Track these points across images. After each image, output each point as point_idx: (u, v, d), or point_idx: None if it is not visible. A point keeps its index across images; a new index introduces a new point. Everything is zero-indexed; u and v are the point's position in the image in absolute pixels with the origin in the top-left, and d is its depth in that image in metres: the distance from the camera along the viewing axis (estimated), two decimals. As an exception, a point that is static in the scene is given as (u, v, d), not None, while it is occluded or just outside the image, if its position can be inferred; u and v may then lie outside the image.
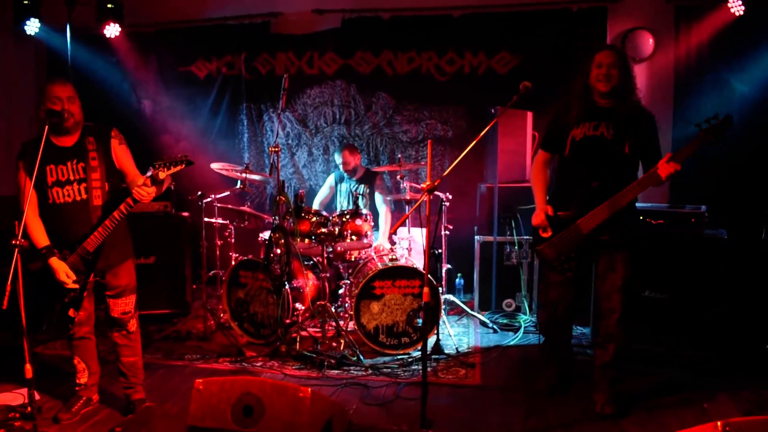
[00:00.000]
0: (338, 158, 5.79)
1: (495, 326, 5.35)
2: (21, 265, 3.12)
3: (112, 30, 6.10)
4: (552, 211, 3.67)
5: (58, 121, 3.37)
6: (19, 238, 3.10)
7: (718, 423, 2.18)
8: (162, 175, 3.33)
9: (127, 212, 3.41)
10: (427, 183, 3.23)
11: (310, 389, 2.37)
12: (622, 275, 3.61)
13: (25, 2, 5.95)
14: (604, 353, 3.70)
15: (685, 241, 4.36)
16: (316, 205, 6.06)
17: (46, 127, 3.30)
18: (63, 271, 3.40)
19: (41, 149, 3.21)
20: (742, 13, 5.41)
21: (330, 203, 6.09)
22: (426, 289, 3.17)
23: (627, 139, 3.49)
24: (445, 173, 3.38)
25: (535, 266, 5.58)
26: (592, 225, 3.51)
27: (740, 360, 4.35)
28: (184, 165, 3.37)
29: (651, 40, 5.96)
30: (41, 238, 3.44)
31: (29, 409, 3.52)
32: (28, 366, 3.16)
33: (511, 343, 5.01)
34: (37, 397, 3.58)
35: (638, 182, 3.42)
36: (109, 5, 6.02)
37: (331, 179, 6.10)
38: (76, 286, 3.44)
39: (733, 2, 5.39)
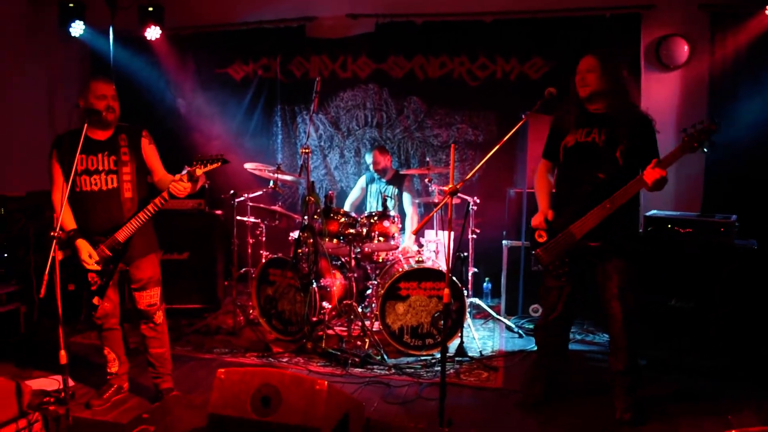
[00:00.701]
0: (369, 158, 5.91)
1: (520, 331, 5.36)
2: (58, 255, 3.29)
3: (152, 32, 6.27)
4: (552, 216, 3.70)
5: (97, 119, 3.56)
6: (57, 229, 3.25)
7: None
8: (199, 171, 3.45)
9: (162, 206, 3.54)
10: (450, 186, 3.28)
11: (327, 382, 2.44)
12: (618, 283, 3.57)
13: (71, 5, 6.15)
14: (616, 361, 3.69)
15: (713, 250, 4.32)
16: (347, 206, 6.15)
17: (86, 122, 3.47)
18: (86, 251, 3.55)
19: (81, 141, 3.38)
20: (779, 20, 5.34)
21: (361, 204, 6.18)
22: (446, 290, 3.23)
23: (620, 144, 3.47)
24: (468, 176, 3.42)
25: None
26: (584, 230, 3.52)
27: (766, 372, 4.29)
28: (219, 163, 3.48)
29: (686, 47, 5.91)
30: (69, 222, 3.62)
31: (63, 394, 3.69)
32: (62, 352, 3.29)
33: (536, 348, 5.01)
34: (71, 383, 3.74)
35: (626, 188, 3.39)
36: (150, 9, 6.19)
37: (362, 181, 6.19)
38: (98, 267, 3.57)
39: (771, 9, 5.32)
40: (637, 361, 3.69)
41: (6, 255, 5.19)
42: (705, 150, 3.24)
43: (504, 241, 5.81)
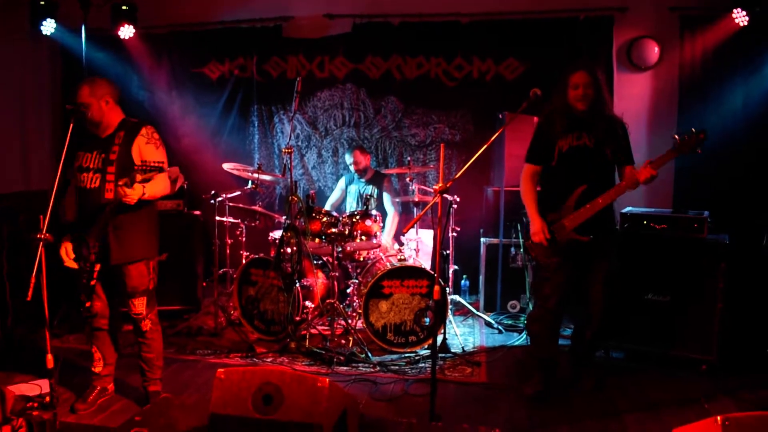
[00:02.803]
0: (349, 158, 5.93)
1: (500, 327, 5.45)
2: (45, 260, 3.24)
3: (126, 31, 6.21)
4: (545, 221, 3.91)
5: (81, 118, 3.55)
6: (44, 232, 3.21)
7: (718, 418, 2.26)
8: (138, 178, 3.34)
9: (115, 210, 3.47)
10: (440, 185, 3.34)
11: (328, 380, 2.46)
12: (606, 271, 3.91)
13: (42, 3, 6.05)
14: (588, 331, 4.07)
15: (687, 245, 4.45)
16: (327, 207, 6.16)
17: (72, 121, 3.46)
18: (64, 248, 3.56)
19: (68, 139, 3.38)
20: (746, 23, 5.52)
21: (341, 206, 6.20)
22: (437, 287, 3.28)
23: (607, 146, 3.79)
24: (457, 176, 3.48)
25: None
26: (576, 223, 3.79)
27: (740, 363, 4.44)
28: (158, 172, 3.36)
29: (656, 49, 6.07)
30: (70, 216, 3.70)
31: (47, 399, 3.63)
32: (49, 356, 3.25)
33: (516, 343, 5.11)
34: (50, 388, 3.69)
35: (618, 186, 3.76)
36: (124, 7, 6.13)
37: (342, 182, 6.22)
38: (74, 265, 3.53)
39: (737, 13, 5.50)
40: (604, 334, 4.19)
41: (-23, 259, 5.09)
42: (699, 151, 3.60)
43: (482, 239, 5.90)
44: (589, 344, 4.14)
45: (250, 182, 5.42)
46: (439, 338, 4.83)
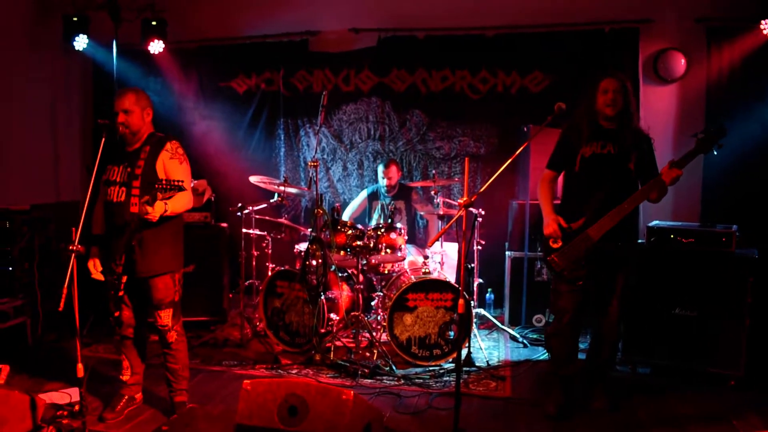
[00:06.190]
0: (383, 170, 5.97)
1: (525, 341, 5.42)
2: (77, 270, 3.31)
3: (156, 46, 6.31)
4: (564, 222, 3.83)
5: (109, 132, 3.59)
6: (76, 243, 3.28)
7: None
8: (159, 196, 3.38)
9: (139, 226, 3.50)
10: (464, 198, 3.35)
11: (353, 392, 2.48)
12: (622, 284, 3.88)
13: (75, 19, 6.20)
14: (602, 352, 4.03)
15: (715, 259, 4.41)
16: (346, 217, 6.22)
17: (103, 135, 3.51)
18: (91, 260, 3.68)
19: (99, 153, 3.46)
20: (774, 34, 5.46)
21: (359, 217, 6.24)
22: (461, 301, 3.28)
23: (631, 157, 3.76)
24: (482, 189, 3.48)
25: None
26: (602, 232, 3.71)
27: (769, 378, 4.38)
28: (176, 191, 3.38)
29: (683, 61, 6.02)
30: (96, 227, 3.79)
31: (77, 407, 3.70)
32: (79, 365, 3.30)
33: (541, 357, 5.07)
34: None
35: (643, 189, 3.70)
36: (154, 23, 6.24)
37: (363, 194, 6.25)
38: (100, 277, 3.64)
39: (765, 24, 5.43)
40: (615, 352, 4.18)
41: (11, 269, 5.20)
42: (715, 152, 3.60)
43: (507, 252, 5.88)
44: (603, 362, 4.07)
45: (276, 195, 5.49)
46: (464, 352, 4.82)
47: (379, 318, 5.25)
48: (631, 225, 3.84)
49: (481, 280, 5.72)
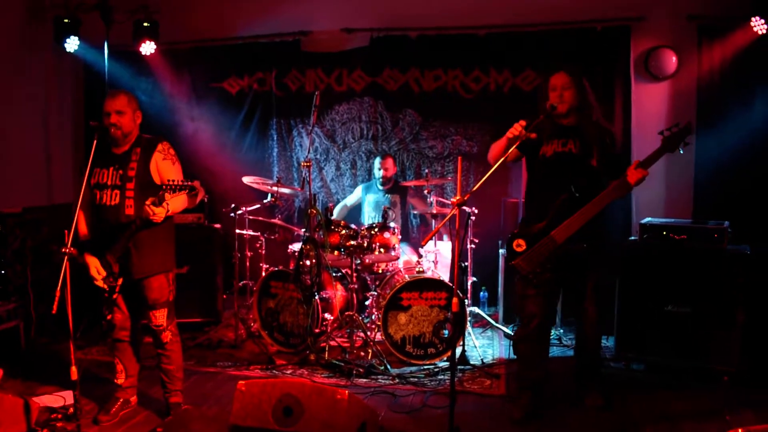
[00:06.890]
0: (378, 164, 6.03)
1: (519, 339, 5.42)
2: (70, 273, 3.30)
3: (147, 47, 6.30)
4: (526, 123, 3.64)
5: (102, 134, 3.57)
6: (68, 246, 3.27)
7: (740, 430, 2.25)
8: (167, 197, 3.41)
9: (141, 227, 3.52)
10: (457, 197, 3.35)
11: (347, 392, 2.49)
12: (593, 286, 3.86)
13: (66, 21, 6.18)
14: (587, 354, 4.05)
15: (707, 256, 4.43)
16: (338, 208, 6.30)
17: (95, 137, 3.49)
18: (94, 266, 3.59)
19: (92, 155, 3.42)
20: (765, 31, 5.47)
21: (353, 211, 6.28)
22: (455, 300, 3.29)
23: (593, 153, 3.71)
24: (474, 188, 3.48)
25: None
26: (566, 235, 3.65)
27: (762, 374, 4.38)
28: (187, 190, 3.43)
29: (674, 58, 6.04)
30: (82, 229, 3.74)
31: (71, 410, 3.69)
32: (73, 368, 3.29)
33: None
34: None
35: (609, 190, 3.61)
36: (145, 24, 6.23)
37: (359, 190, 6.31)
38: (104, 285, 3.59)
39: (756, 21, 5.45)
40: (601, 352, 4.18)
41: (4, 272, 5.18)
42: (681, 151, 3.56)
43: (500, 250, 5.89)
44: (591, 360, 4.08)
45: (269, 195, 5.49)
46: (458, 350, 4.83)
47: (373, 317, 5.25)
48: (596, 226, 3.74)
49: (474, 279, 5.73)
